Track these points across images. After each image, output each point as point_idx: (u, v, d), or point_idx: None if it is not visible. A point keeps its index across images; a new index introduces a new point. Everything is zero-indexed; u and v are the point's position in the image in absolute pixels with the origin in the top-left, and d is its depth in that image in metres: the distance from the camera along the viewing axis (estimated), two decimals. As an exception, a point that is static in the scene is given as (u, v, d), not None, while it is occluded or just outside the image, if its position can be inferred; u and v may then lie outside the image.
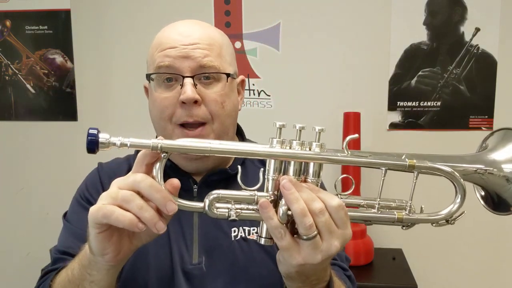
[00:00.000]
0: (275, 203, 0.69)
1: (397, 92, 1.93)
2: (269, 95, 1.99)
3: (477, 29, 1.85)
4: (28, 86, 2.12)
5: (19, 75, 2.11)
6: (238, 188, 0.80)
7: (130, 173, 0.71)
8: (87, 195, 0.99)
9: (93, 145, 0.71)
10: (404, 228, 0.76)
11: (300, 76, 1.97)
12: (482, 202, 0.85)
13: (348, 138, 0.71)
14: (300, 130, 0.71)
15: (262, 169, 0.71)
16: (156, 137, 0.93)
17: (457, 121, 1.92)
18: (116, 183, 0.70)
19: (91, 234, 0.69)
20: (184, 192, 0.87)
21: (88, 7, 2.05)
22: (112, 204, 0.66)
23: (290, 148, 0.71)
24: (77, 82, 2.09)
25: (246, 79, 1.99)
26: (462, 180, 0.78)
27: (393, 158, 0.72)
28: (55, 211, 2.19)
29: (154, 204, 0.67)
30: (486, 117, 1.90)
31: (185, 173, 0.93)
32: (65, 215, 1.07)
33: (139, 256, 0.87)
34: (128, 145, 0.69)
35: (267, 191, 0.70)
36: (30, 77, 2.11)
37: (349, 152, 0.72)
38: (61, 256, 0.94)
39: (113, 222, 0.66)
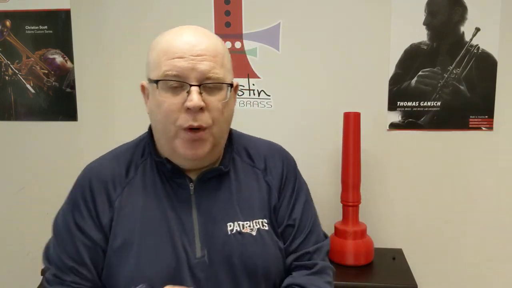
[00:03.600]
0: None
1: (397, 92, 1.93)
2: (269, 95, 1.99)
3: (477, 29, 1.85)
4: (28, 86, 2.12)
5: (19, 75, 2.11)
6: (229, 183, 1.00)
7: None
8: (81, 223, 1.01)
9: None
10: None
11: (300, 76, 1.97)
12: None
13: None
14: None
15: None
16: (152, 138, 1.03)
17: (457, 121, 1.92)
18: None
19: None
20: (183, 190, 0.99)
21: (88, 7, 2.04)
22: None
23: None
24: (77, 82, 2.09)
25: (243, 80, 1.99)
26: None
27: None
28: (55, 211, 2.19)
29: None
30: (486, 117, 1.90)
31: (182, 172, 1.00)
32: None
33: (144, 254, 0.95)
34: None
35: None
36: (30, 77, 2.11)
37: None
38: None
39: None
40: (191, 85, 0.90)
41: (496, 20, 1.84)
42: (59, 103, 2.11)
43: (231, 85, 0.97)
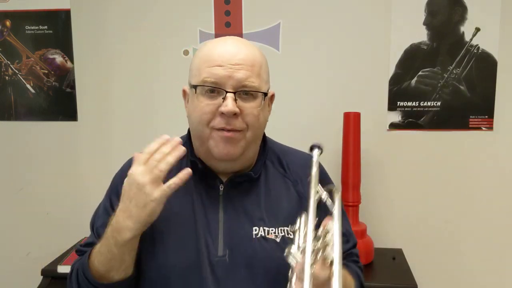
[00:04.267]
0: None
1: (397, 92, 1.93)
2: (269, 95, 1.99)
3: (477, 29, 1.85)
4: (28, 86, 2.12)
5: (19, 75, 2.11)
6: (259, 188, 1.04)
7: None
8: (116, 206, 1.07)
9: None
10: None
11: (300, 76, 1.97)
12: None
13: None
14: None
15: None
16: (189, 139, 1.10)
17: (457, 121, 1.92)
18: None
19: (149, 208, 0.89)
20: (213, 190, 1.04)
21: (88, 7, 2.04)
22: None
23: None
24: (77, 82, 2.09)
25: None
26: None
27: None
28: (55, 211, 2.19)
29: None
30: (486, 117, 1.90)
31: (214, 173, 1.05)
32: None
33: (168, 247, 0.99)
34: None
35: None
36: (30, 77, 2.11)
37: None
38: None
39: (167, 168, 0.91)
40: (226, 92, 0.96)
41: (496, 20, 1.84)
42: (59, 103, 2.11)
43: (265, 94, 1.01)
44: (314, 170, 0.95)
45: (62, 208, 2.16)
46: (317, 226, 0.84)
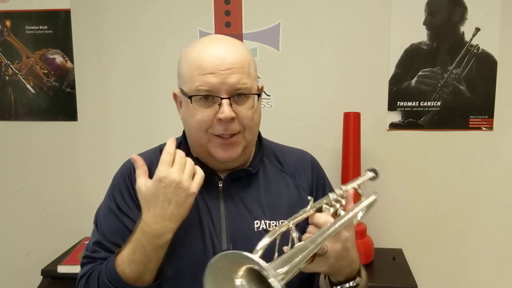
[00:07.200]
0: None
1: (397, 92, 1.93)
2: (269, 95, 1.99)
3: (477, 29, 1.85)
4: (28, 86, 2.12)
5: (19, 75, 2.11)
6: (258, 183, 1.07)
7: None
8: (121, 204, 1.06)
9: None
10: None
11: (300, 76, 1.97)
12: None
13: None
14: None
15: None
16: (185, 138, 1.11)
17: (457, 121, 1.92)
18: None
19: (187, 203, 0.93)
20: (212, 187, 1.06)
21: (88, 7, 2.05)
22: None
23: None
24: (77, 82, 2.09)
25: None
26: None
27: None
28: (55, 211, 2.19)
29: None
30: (486, 117, 1.90)
31: (212, 171, 1.06)
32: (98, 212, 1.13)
33: (177, 244, 1.00)
34: None
35: None
36: (30, 77, 2.11)
37: None
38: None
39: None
40: (222, 98, 0.96)
41: (496, 20, 1.84)
42: (59, 103, 2.11)
43: (259, 95, 1.02)
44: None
45: (62, 208, 2.17)
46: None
